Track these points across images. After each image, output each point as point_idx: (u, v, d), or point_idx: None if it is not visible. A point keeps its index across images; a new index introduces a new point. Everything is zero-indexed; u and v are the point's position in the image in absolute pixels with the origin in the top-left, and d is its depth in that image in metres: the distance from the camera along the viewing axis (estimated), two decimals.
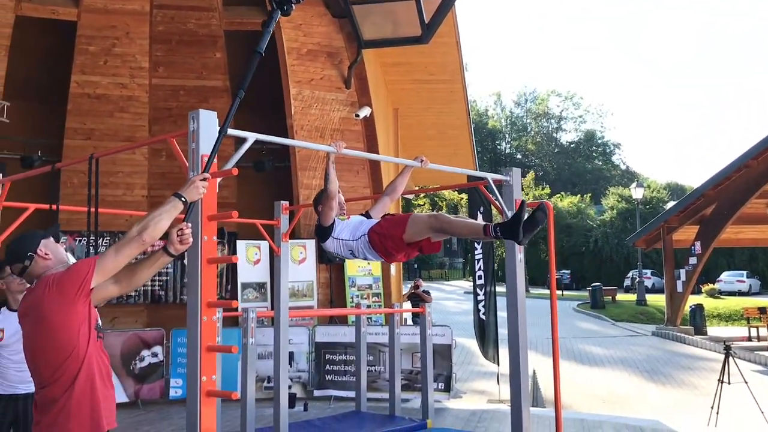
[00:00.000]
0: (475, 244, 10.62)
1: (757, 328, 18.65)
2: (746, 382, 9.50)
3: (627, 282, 39.58)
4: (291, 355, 9.77)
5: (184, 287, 10.98)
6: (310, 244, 11.45)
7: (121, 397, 9.61)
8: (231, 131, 3.65)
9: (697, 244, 18.45)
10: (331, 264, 11.70)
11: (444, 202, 49.93)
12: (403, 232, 4.53)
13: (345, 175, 11.91)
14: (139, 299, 11.06)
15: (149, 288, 11.17)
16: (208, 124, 3.53)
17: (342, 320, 11.56)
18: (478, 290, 10.54)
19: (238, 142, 3.87)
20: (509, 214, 5.21)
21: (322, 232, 4.91)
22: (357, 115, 11.38)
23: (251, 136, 3.78)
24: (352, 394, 9.59)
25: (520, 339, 5.15)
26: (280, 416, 6.53)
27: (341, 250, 4.92)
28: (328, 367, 10.27)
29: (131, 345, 9.75)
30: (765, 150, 15.64)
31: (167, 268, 11.36)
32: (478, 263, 10.53)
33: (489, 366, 12.41)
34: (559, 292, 38.96)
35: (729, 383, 9.59)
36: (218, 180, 3.58)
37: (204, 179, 3.23)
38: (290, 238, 6.91)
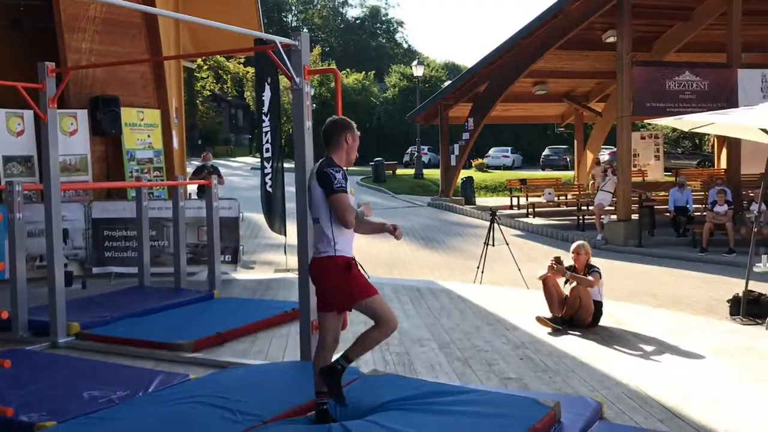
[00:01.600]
0: (263, 117, 10.43)
1: (518, 197, 20.61)
2: (508, 244, 10.54)
3: (406, 158, 41.45)
4: (66, 232, 9.17)
5: None
6: (82, 114, 10.59)
7: None
8: None
9: (470, 120, 19.63)
10: (107, 137, 10.95)
11: (228, 76, 48.19)
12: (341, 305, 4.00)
13: (120, 39, 11.02)
14: None
15: None
16: None
17: (121, 195, 11.00)
18: (265, 164, 10.45)
19: None
20: (298, 80, 5.13)
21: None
22: None
23: None
24: (134, 270, 9.29)
25: (307, 210, 5.20)
26: (55, 293, 6.18)
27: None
28: (107, 243, 9.83)
29: None
30: (535, 30, 16.68)
31: None
32: (266, 137, 10.39)
33: (276, 238, 12.59)
34: None
35: (494, 245, 10.59)
36: None
37: None
38: (59, 108, 6.31)
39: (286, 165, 10.56)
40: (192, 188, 13.19)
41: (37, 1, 11.08)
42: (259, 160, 11.63)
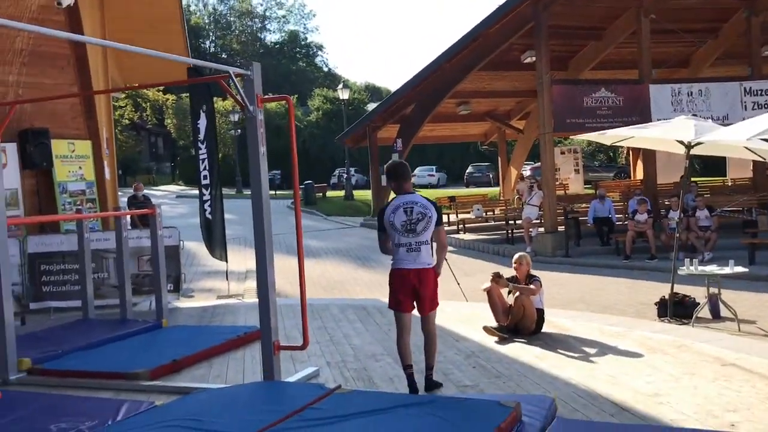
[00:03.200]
0: (199, 144, 10.47)
1: (448, 215, 21.08)
2: (446, 260, 10.83)
3: (333, 180, 41.71)
4: None
5: None
6: (11, 147, 10.35)
7: None
8: None
9: (399, 141, 20.03)
10: (37, 169, 10.74)
11: (148, 104, 47.40)
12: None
13: (49, 71, 10.87)
14: None
15: None
16: None
17: (54, 229, 10.79)
18: (203, 191, 10.48)
19: None
20: (251, 108, 5.30)
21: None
22: (59, 4, 10.34)
23: None
24: (73, 304, 9.19)
25: (265, 234, 5.35)
26: (5, 328, 6.08)
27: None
28: (44, 278, 9.64)
29: None
30: (457, 53, 17.25)
31: None
32: (203, 164, 10.43)
33: (214, 265, 12.56)
34: (272, 192, 39.94)
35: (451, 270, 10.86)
36: None
37: None
38: None
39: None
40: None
41: None
42: (182, 187, 11.66)
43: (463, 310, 8.68)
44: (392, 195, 5.42)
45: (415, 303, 5.27)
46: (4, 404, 5.21)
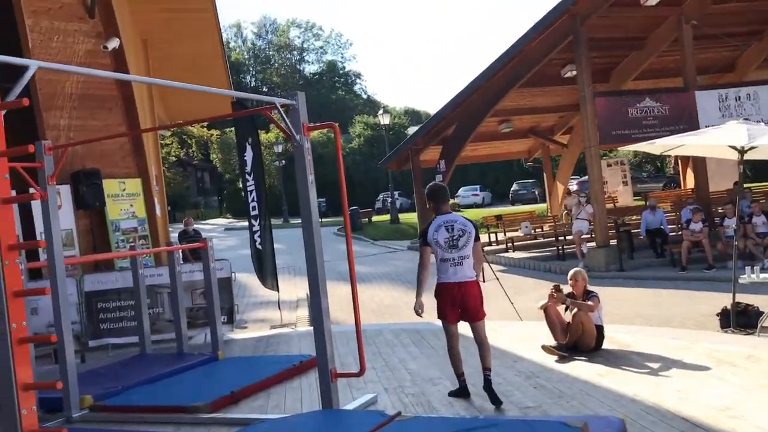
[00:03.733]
0: (247, 177, 10.59)
1: (496, 233, 20.90)
2: (498, 279, 10.74)
3: (378, 204, 41.79)
4: None
5: None
6: (65, 189, 10.61)
7: None
8: (6, 58, 3.33)
9: (442, 162, 19.96)
10: (90, 209, 10.99)
11: (193, 140, 48.36)
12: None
13: (98, 113, 11.14)
14: None
15: None
16: None
17: (108, 267, 10.99)
18: (253, 222, 10.57)
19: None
20: (298, 137, 5.33)
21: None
22: (105, 47, 10.64)
23: (33, 64, 3.46)
24: (131, 340, 9.31)
25: (317, 261, 5.35)
26: (67, 367, 6.18)
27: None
28: (101, 315, 9.79)
29: None
30: (496, 72, 17.20)
31: None
32: (251, 195, 10.53)
33: (265, 295, 12.65)
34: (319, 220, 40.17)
35: (484, 281, 10.75)
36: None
37: None
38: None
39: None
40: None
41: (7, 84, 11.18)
42: (230, 220, 11.78)
43: (519, 330, 8.55)
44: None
45: (461, 314, 5.69)
46: None
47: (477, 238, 5.73)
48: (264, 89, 68.86)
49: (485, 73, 17.48)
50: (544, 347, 6.90)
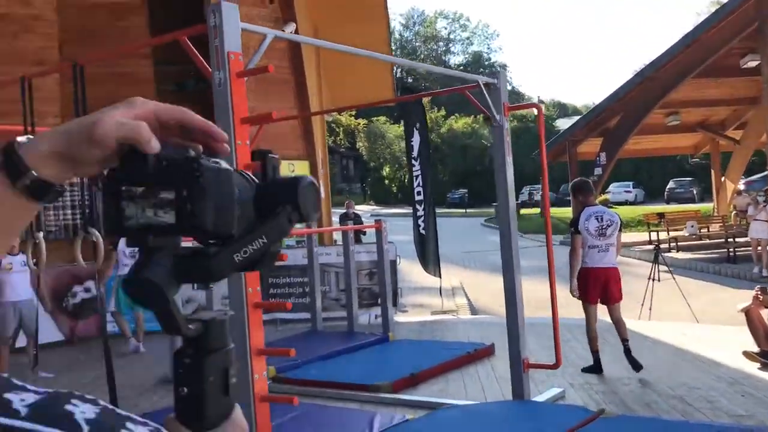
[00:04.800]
0: (413, 161, 10.57)
1: (657, 232, 19.82)
2: (674, 278, 10.11)
3: (523, 197, 40.96)
4: None
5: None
6: None
7: (55, 335, 9.14)
8: (248, 26, 3.38)
9: (602, 155, 19.17)
10: None
11: (341, 128, 49.47)
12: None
13: (273, 96, 11.47)
14: (60, 234, 10.36)
15: (70, 222, 10.48)
16: (230, 18, 3.24)
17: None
18: (417, 207, 10.54)
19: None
20: (498, 117, 5.16)
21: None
22: (283, 32, 10.93)
23: (269, 33, 3.50)
24: (298, 316, 9.50)
25: (512, 246, 5.18)
26: None
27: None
28: (272, 290, 10.09)
29: (62, 281, 9.23)
30: (668, 61, 16.27)
31: (87, 200, 10.68)
32: (416, 180, 10.50)
33: (424, 281, 12.61)
34: (462, 210, 39.90)
35: (659, 281, 10.17)
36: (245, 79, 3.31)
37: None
38: None
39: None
40: (336, 235, 13.49)
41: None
42: (374, 207, 11.79)
43: (704, 333, 7.98)
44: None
45: (602, 295, 6.28)
46: None
47: (621, 228, 6.37)
48: (409, 80, 69.34)
49: (654, 63, 16.62)
50: (745, 353, 6.36)
